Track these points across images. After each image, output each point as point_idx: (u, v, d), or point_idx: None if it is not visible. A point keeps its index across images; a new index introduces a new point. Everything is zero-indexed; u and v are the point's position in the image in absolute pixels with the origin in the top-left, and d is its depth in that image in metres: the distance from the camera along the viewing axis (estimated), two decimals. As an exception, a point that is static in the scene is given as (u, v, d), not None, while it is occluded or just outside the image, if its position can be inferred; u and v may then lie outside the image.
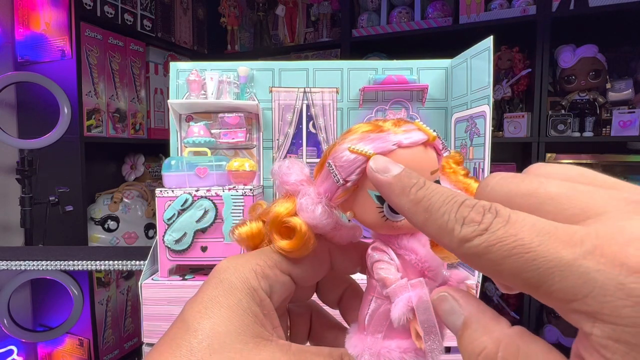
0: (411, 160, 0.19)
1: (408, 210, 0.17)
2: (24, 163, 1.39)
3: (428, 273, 0.20)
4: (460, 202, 0.15)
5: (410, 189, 0.17)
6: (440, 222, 0.15)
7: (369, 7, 1.87)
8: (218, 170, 0.54)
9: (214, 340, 0.17)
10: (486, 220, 0.14)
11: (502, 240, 0.14)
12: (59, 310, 0.63)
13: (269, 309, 0.20)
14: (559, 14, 1.48)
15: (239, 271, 0.20)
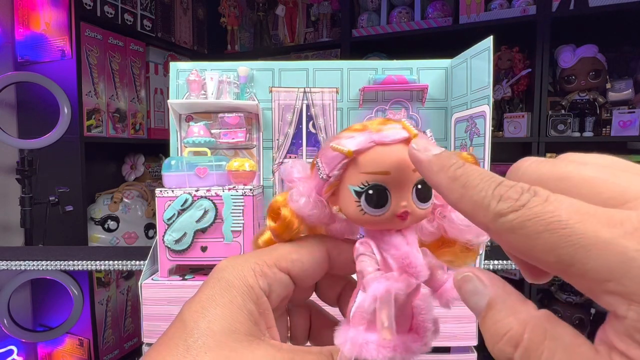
0: (389, 156, 0.20)
1: (445, 186, 0.17)
2: (24, 163, 1.39)
3: (409, 269, 0.20)
4: (498, 182, 0.15)
5: (449, 167, 0.17)
6: (476, 198, 0.15)
7: (369, 7, 1.87)
8: (218, 170, 0.54)
9: (209, 339, 0.17)
10: (523, 199, 0.14)
11: (538, 215, 0.13)
12: (59, 310, 0.63)
13: (265, 307, 0.20)
14: (559, 14, 1.48)
15: (237, 270, 0.20)
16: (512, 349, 0.14)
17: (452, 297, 0.20)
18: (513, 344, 0.14)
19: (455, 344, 0.46)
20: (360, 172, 0.20)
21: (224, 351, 0.17)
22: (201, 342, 0.17)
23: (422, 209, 0.21)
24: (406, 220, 0.21)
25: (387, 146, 0.20)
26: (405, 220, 0.20)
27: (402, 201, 0.20)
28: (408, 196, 0.20)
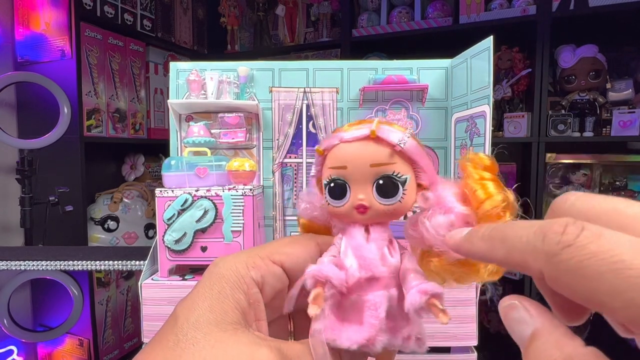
0: (346, 152, 0.22)
1: (486, 251, 0.17)
2: (24, 163, 1.39)
3: (360, 261, 0.21)
4: (537, 223, 0.15)
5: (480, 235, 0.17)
6: (520, 245, 0.15)
7: (369, 7, 1.87)
8: (218, 170, 0.54)
9: (197, 332, 0.18)
10: (570, 231, 0.13)
11: (596, 254, 0.12)
12: (59, 310, 0.63)
13: (255, 298, 0.20)
14: (559, 13, 1.48)
15: (229, 263, 0.21)
16: None
17: (411, 303, 0.20)
18: None
19: (456, 344, 0.46)
20: (327, 168, 0.22)
21: (210, 341, 0.18)
22: (190, 335, 0.18)
23: (383, 204, 0.21)
24: (365, 214, 0.22)
25: (348, 143, 0.22)
26: (363, 213, 0.22)
27: (359, 194, 0.22)
28: (367, 190, 0.21)
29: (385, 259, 0.22)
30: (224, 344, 0.18)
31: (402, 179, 0.21)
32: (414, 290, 0.20)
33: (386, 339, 0.21)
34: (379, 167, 0.21)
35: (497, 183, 0.21)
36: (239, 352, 0.18)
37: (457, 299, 0.45)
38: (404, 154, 0.22)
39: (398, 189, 0.21)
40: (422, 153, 0.22)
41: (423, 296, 0.19)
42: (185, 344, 0.18)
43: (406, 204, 0.22)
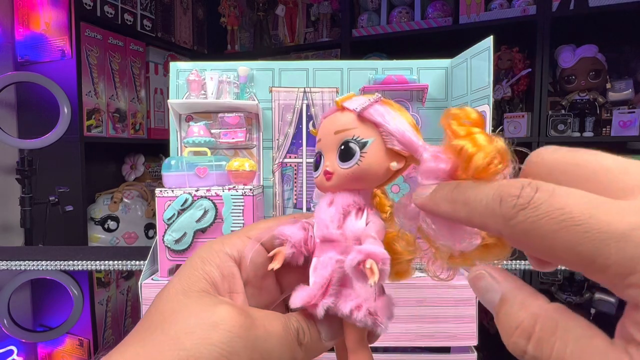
0: (322, 126, 0.23)
1: (451, 212, 0.17)
2: (24, 163, 1.39)
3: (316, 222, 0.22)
4: (497, 185, 0.15)
5: (444, 194, 0.17)
6: (480, 209, 0.15)
7: (369, 7, 1.87)
8: (218, 170, 0.54)
9: (165, 302, 0.19)
10: (525, 194, 0.14)
11: (548, 213, 0.13)
12: (58, 310, 0.63)
13: (229, 271, 0.21)
14: (559, 13, 1.48)
15: (206, 244, 0.22)
16: (525, 341, 0.14)
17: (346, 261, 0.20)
18: (525, 337, 0.14)
19: (455, 344, 0.46)
20: None
21: (174, 306, 0.19)
22: (159, 306, 0.19)
23: (342, 168, 0.22)
24: (330, 181, 0.22)
25: (324, 118, 0.24)
26: (329, 180, 0.22)
27: (327, 162, 0.23)
28: (333, 157, 0.22)
29: (346, 223, 0.22)
30: (187, 306, 0.19)
31: (361, 142, 0.22)
32: (353, 250, 0.20)
33: (330, 302, 0.21)
34: (342, 133, 0.22)
35: (486, 135, 0.19)
36: (200, 311, 0.18)
37: (457, 299, 0.45)
38: (366, 119, 0.22)
39: (355, 152, 0.21)
40: (391, 117, 0.22)
41: (357, 255, 0.19)
42: (157, 318, 0.19)
43: (367, 167, 0.21)
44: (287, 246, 0.22)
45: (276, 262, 0.21)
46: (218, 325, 0.18)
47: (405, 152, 0.22)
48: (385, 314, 0.21)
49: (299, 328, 0.21)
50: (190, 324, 0.18)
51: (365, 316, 0.20)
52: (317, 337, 0.21)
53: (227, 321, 0.18)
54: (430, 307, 0.45)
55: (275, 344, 0.19)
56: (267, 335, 0.19)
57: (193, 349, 0.17)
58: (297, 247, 0.22)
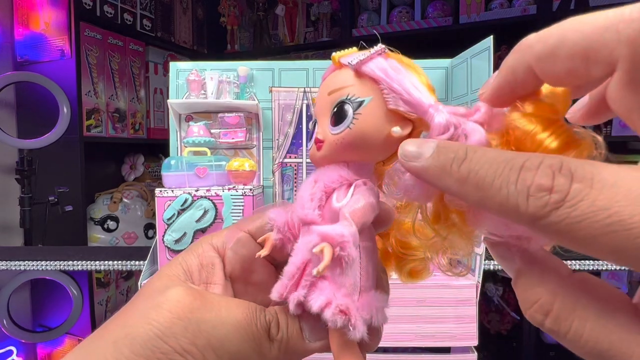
0: (319, 89, 0.20)
1: (458, 192, 0.14)
2: (24, 163, 1.39)
3: None
4: (518, 167, 0.12)
5: (450, 166, 0.14)
6: (499, 199, 0.13)
7: (369, 7, 1.87)
8: (218, 170, 0.54)
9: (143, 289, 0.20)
10: (560, 187, 0.11)
11: (589, 215, 0.11)
12: (58, 310, 0.63)
13: (210, 261, 0.21)
14: (559, 13, 1.48)
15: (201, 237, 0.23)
16: (543, 316, 0.13)
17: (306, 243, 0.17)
18: (543, 313, 0.13)
19: (456, 344, 0.46)
20: None
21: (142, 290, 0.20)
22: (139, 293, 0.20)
23: (333, 133, 0.18)
24: (321, 150, 0.19)
25: (323, 80, 0.20)
26: (320, 149, 0.19)
27: (319, 128, 0.19)
28: (325, 122, 0.19)
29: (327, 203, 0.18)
30: (148, 288, 0.19)
31: (356, 101, 0.18)
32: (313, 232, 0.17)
33: (301, 295, 0.17)
34: (335, 93, 0.18)
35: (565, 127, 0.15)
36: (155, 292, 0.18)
37: (457, 299, 0.45)
38: (363, 75, 0.18)
39: (347, 113, 0.18)
40: (395, 72, 0.18)
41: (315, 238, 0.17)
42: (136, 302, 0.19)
43: (360, 131, 0.18)
44: (274, 231, 0.19)
45: (264, 249, 0.19)
46: (161, 305, 0.17)
47: (412, 115, 0.18)
48: (364, 314, 0.17)
49: (272, 321, 0.18)
50: (140, 304, 0.18)
51: (334, 314, 0.17)
52: (297, 335, 0.19)
53: (171, 301, 0.17)
54: (431, 308, 0.45)
55: (231, 333, 0.17)
56: (219, 321, 0.17)
57: (132, 326, 0.17)
58: (282, 232, 0.19)
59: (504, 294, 0.67)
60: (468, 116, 0.17)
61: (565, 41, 0.13)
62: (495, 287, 0.69)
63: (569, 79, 0.14)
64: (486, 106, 0.16)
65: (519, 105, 0.15)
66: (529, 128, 0.15)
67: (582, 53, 0.13)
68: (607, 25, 0.12)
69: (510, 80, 0.15)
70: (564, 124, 0.15)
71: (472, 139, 0.16)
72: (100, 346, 0.17)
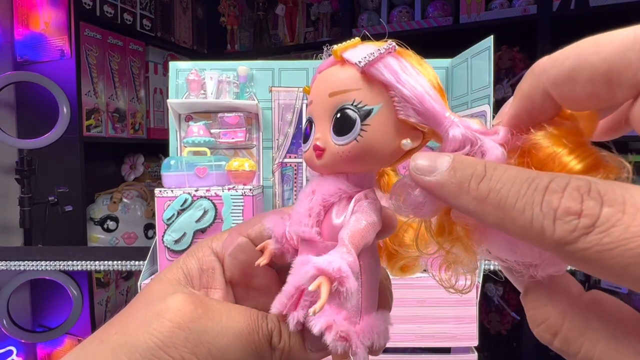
0: (314, 84, 0.18)
1: (475, 212, 0.13)
2: (23, 163, 1.39)
3: None
4: (543, 188, 0.11)
5: (468, 184, 0.13)
6: (521, 222, 0.12)
7: (369, 7, 1.87)
8: (217, 170, 0.54)
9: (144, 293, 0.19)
10: (589, 211, 0.11)
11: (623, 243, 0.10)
12: (58, 310, 0.63)
13: (209, 265, 0.20)
14: (559, 13, 1.48)
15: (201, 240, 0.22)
16: (551, 336, 0.13)
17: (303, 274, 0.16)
18: (551, 333, 0.13)
19: (456, 345, 0.46)
20: None
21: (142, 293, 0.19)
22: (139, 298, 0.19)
23: (336, 144, 0.16)
24: (321, 158, 0.17)
25: (319, 73, 0.18)
26: (319, 157, 0.17)
27: (317, 133, 0.17)
28: (325, 128, 0.17)
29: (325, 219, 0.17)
30: (149, 293, 0.19)
31: (364, 109, 0.16)
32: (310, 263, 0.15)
33: (301, 315, 0.17)
34: (339, 96, 0.16)
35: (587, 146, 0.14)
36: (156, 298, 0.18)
37: (457, 299, 0.45)
38: (372, 77, 0.16)
39: (354, 123, 0.16)
40: (407, 76, 0.16)
41: (311, 270, 0.15)
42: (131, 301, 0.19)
43: (369, 145, 0.16)
44: (272, 240, 0.19)
45: (263, 258, 0.19)
46: (161, 313, 0.17)
47: (423, 126, 0.16)
48: (365, 340, 0.17)
49: (274, 329, 0.18)
50: (140, 311, 0.18)
51: (335, 340, 0.16)
52: (299, 344, 0.18)
53: (172, 310, 0.17)
54: (431, 308, 0.45)
55: (232, 341, 0.17)
56: (221, 329, 0.17)
57: (132, 334, 0.17)
58: (281, 242, 0.18)
59: (504, 294, 0.67)
60: (485, 134, 0.15)
61: (584, 64, 0.12)
62: (495, 287, 0.69)
63: (591, 104, 0.13)
64: (505, 129, 0.15)
65: (545, 125, 0.14)
66: (554, 150, 0.14)
67: (604, 76, 0.12)
68: (628, 45, 0.11)
69: (527, 107, 0.15)
70: (590, 147, 0.14)
71: (490, 158, 0.15)
72: (100, 351, 0.17)
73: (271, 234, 0.19)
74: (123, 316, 0.19)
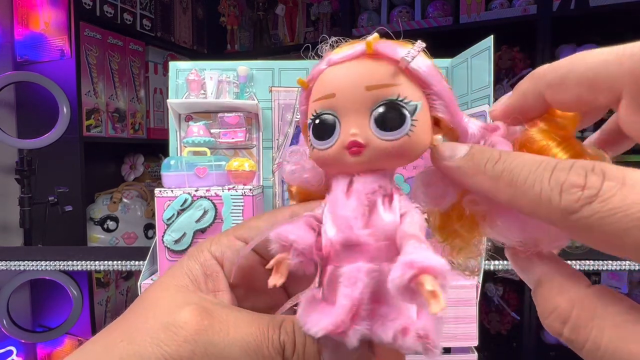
0: (335, 76, 0.17)
1: (489, 189, 0.15)
2: (23, 163, 1.39)
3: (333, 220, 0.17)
4: (552, 166, 0.13)
5: (484, 165, 0.15)
6: (531, 195, 0.13)
7: (369, 7, 1.87)
8: (217, 170, 0.54)
9: (145, 298, 0.19)
10: (592, 184, 0.12)
11: (621, 209, 0.11)
12: (58, 310, 0.63)
13: (213, 270, 0.20)
14: (559, 13, 1.48)
15: (199, 243, 0.22)
16: (561, 325, 0.14)
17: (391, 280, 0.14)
18: (561, 321, 0.14)
19: (456, 345, 0.46)
20: (312, 102, 0.17)
21: (150, 299, 0.19)
22: (139, 300, 0.19)
23: (384, 139, 0.16)
24: (361, 155, 0.16)
25: (337, 65, 0.17)
26: (357, 154, 0.16)
27: (352, 128, 0.16)
28: (362, 123, 0.16)
29: (373, 219, 0.16)
30: (158, 301, 0.18)
31: (411, 105, 0.16)
32: (399, 263, 0.14)
33: (365, 328, 0.16)
34: (379, 90, 0.16)
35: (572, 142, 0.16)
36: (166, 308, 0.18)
37: (457, 299, 0.45)
38: (413, 74, 0.16)
39: (405, 118, 0.16)
40: (439, 75, 0.17)
41: (408, 271, 0.14)
42: (132, 306, 0.19)
43: (417, 141, 0.16)
44: (291, 254, 0.17)
45: (279, 277, 0.17)
46: (170, 326, 0.17)
47: (448, 123, 0.17)
48: (438, 334, 0.17)
49: (287, 342, 0.17)
50: (148, 320, 0.18)
51: (415, 341, 0.16)
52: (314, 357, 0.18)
53: (180, 323, 0.17)
54: (431, 308, 0.45)
55: (240, 354, 0.17)
56: (227, 342, 0.17)
57: (139, 344, 0.17)
58: (306, 255, 0.17)
59: (504, 294, 0.67)
60: (490, 130, 0.18)
61: (574, 71, 0.15)
62: (495, 287, 0.69)
63: (576, 105, 0.15)
64: (503, 124, 0.18)
65: (538, 122, 0.17)
66: (546, 142, 0.16)
67: (588, 82, 0.14)
68: (611, 59, 0.14)
69: (522, 103, 0.17)
70: (575, 140, 0.16)
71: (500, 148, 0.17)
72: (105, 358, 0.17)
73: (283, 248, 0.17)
74: (127, 323, 0.18)
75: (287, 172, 0.20)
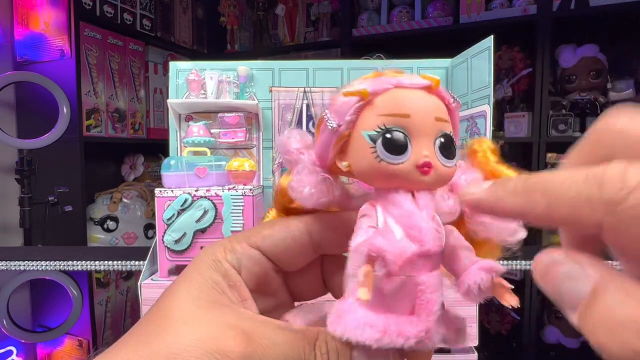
0: (410, 98, 0.18)
1: (522, 205, 0.14)
2: (23, 163, 1.39)
3: (410, 231, 0.17)
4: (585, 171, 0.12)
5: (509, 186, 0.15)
6: (568, 198, 0.12)
7: (369, 7, 1.87)
8: (218, 170, 0.54)
9: (174, 312, 0.18)
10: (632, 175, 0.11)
11: None
12: (58, 310, 0.63)
13: (235, 280, 0.20)
14: (559, 13, 1.48)
15: (209, 249, 0.21)
16: None
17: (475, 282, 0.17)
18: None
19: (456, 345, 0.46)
20: (377, 115, 0.18)
21: (182, 317, 0.18)
22: (166, 315, 0.18)
23: (446, 166, 0.18)
24: (428, 175, 0.18)
25: (407, 89, 0.18)
26: (427, 174, 0.18)
27: (423, 150, 0.18)
28: (430, 147, 0.18)
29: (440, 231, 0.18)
30: (195, 318, 0.18)
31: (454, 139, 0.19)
32: (476, 268, 0.18)
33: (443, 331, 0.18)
34: (442, 123, 0.18)
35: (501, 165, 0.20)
36: (207, 327, 0.17)
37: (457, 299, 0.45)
38: (454, 116, 0.19)
39: (455, 152, 0.19)
40: None
41: (488, 274, 0.17)
42: (162, 322, 0.18)
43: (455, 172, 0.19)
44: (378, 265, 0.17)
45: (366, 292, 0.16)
46: (215, 354, 0.17)
47: None
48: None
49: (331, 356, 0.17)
50: (190, 341, 0.17)
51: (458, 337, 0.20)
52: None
53: (226, 351, 0.17)
54: (431, 308, 0.45)
55: None
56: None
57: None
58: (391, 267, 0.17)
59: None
60: None
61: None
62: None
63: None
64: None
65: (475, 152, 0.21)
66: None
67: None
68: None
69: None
70: None
71: None
72: None
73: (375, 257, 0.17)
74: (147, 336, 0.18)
75: (305, 195, 0.19)
